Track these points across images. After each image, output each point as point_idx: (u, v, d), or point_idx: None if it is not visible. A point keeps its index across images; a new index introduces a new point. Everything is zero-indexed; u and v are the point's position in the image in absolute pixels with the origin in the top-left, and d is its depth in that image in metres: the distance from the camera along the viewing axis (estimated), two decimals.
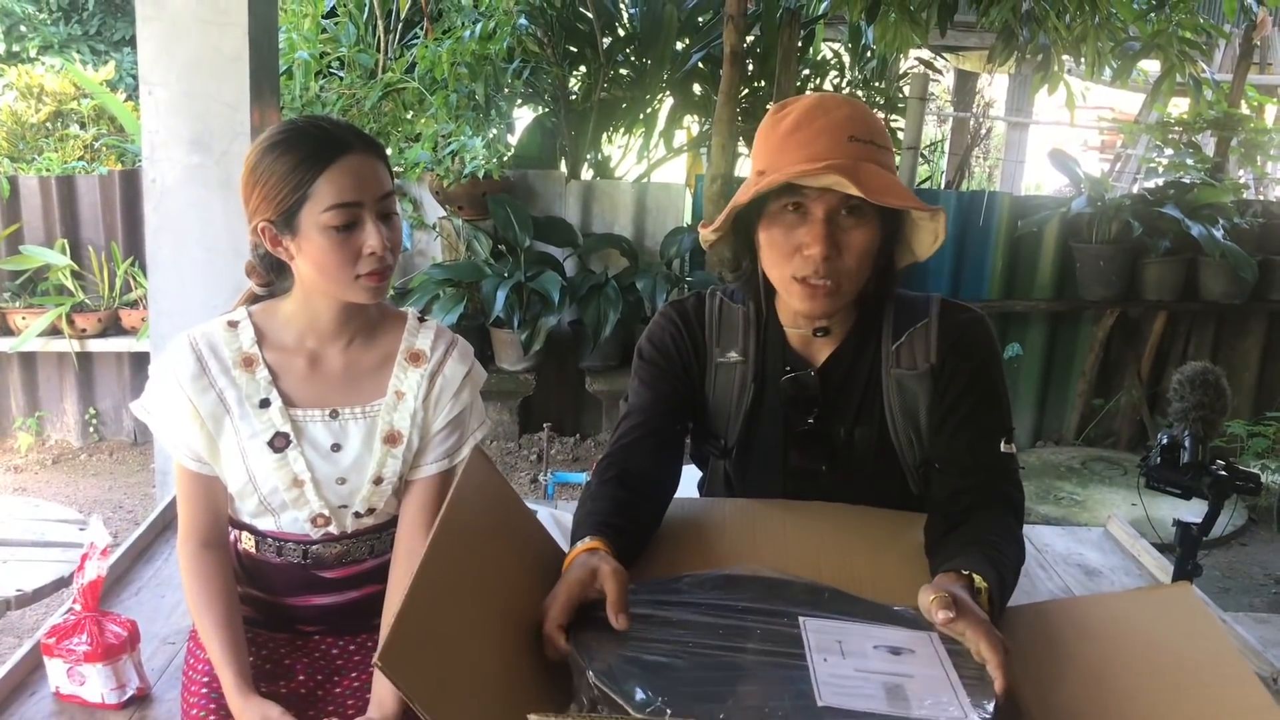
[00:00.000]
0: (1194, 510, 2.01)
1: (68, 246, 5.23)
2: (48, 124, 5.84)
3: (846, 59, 6.27)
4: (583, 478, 4.31)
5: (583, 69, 5.90)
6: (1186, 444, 1.93)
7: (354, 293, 1.50)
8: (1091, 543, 2.36)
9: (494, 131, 5.25)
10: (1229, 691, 1.17)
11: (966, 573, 1.32)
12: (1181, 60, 4.37)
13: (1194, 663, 1.23)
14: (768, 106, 1.64)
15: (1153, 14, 4.40)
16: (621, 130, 6.10)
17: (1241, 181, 6.13)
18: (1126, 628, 1.33)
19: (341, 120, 1.51)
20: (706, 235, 1.59)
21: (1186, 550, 1.97)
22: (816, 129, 1.46)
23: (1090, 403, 5.76)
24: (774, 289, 1.61)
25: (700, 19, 5.90)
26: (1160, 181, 5.78)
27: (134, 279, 5.25)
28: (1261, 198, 6.12)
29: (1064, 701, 1.21)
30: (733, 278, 1.65)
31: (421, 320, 1.65)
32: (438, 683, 1.05)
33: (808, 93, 1.60)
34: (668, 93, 5.96)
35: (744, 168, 5.15)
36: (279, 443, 1.53)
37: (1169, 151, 5.96)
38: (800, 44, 5.39)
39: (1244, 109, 6.11)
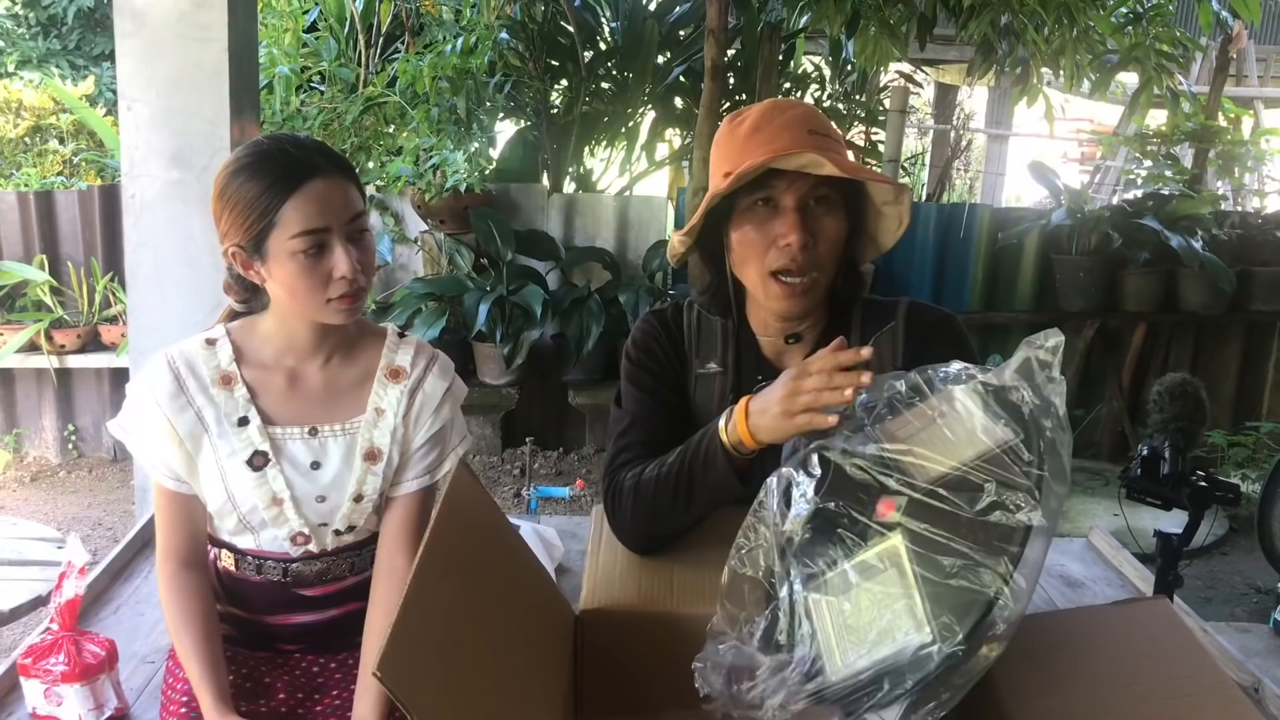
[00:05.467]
0: (1175, 520, 2.02)
1: (46, 262, 5.19)
2: (26, 139, 5.82)
3: (827, 72, 6.30)
4: (566, 492, 4.30)
5: (564, 83, 5.91)
6: (1166, 455, 1.93)
7: (326, 315, 1.49)
8: (1074, 554, 2.36)
9: (475, 145, 5.25)
10: (1210, 701, 1.18)
11: None
12: (1159, 73, 4.41)
13: (1174, 673, 1.24)
14: None
15: (1130, 27, 4.44)
16: (603, 144, 6.11)
17: (1219, 193, 6.18)
18: (1105, 641, 1.33)
19: (308, 140, 1.48)
20: (678, 242, 1.59)
21: (1167, 561, 1.98)
22: (777, 127, 1.49)
23: (1071, 414, 5.78)
24: (744, 299, 1.61)
25: (681, 33, 5.92)
26: (1139, 193, 5.83)
27: (113, 295, 5.22)
28: (1239, 209, 6.16)
29: (1043, 715, 1.21)
30: (699, 293, 1.66)
31: (401, 336, 1.65)
32: (435, 692, 1.05)
33: (765, 100, 1.59)
34: (649, 106, 5.98)
35: None
36: (258, 461, 1.52)
37: (1147, 163, 6.01)
38: (781, 58, 5.42)
39: (1221, 121, 6.16)
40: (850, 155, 1.59)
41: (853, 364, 1.26)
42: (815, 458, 1.24)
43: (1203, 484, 1.92)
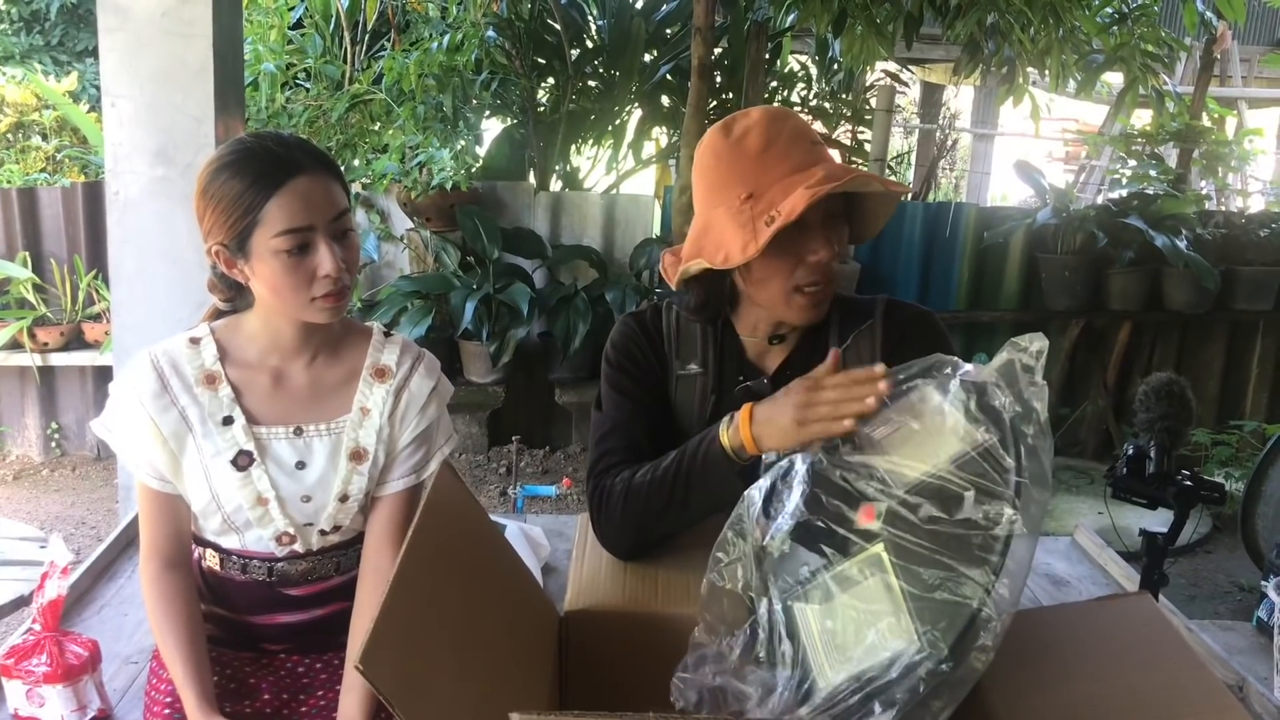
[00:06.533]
0: (1160, 519, 2.02)
1: (29, 259, 5.16)
2: (9, 135, 5.77)
3: (814, 71, 6.31)
4: (553, 490, 4.29)
5: (551, 80, 5.90)
6: (1152, 454, 1.94)
7: (310, 314, 1.48)
8: (1059, 552, 2.37)
9: (462, 143, 5.23)
10: (1194, 696, 1.18)
11: None
12: (1144, 73, 4.43)
13: (1157, 668, 1.24)
14: None
15: (1115, 27, 4.46)
16: (590, 142, 6.10)
17: (1203, 193, 6.21)
18: (1088, 636, 1.33)
19: (292, 138, 1.47)
20: (723, 262, 1.46)
21: (1153, 559, 1.98)
22: (785, 141, 1.46)
23: (1057, 412, 5.80)
24: (737, 301, 1.60)
25: (668, 31, 5.92)
26: (1124, 193, 5.85)
27: (97, 292, 5.19)
28: (1223, 209, 6.20)
29: (1030, 711, 1.21)
30: (692, 310, 1.61)
31: (387, 335, 1.64)
32: (418, 688, 1.05)
33: (751, 109, 1.56)
34: (636, 104, 5.97)
35: None
36: (242, 461, 1.51)
37: (1132, 163, 6.03)
38: (768, 56, 5.42)
39: (1205, 121, 6.19)
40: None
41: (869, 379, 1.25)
42: (795, 469, 1.24)
43: (1188, 483, 1.93)
